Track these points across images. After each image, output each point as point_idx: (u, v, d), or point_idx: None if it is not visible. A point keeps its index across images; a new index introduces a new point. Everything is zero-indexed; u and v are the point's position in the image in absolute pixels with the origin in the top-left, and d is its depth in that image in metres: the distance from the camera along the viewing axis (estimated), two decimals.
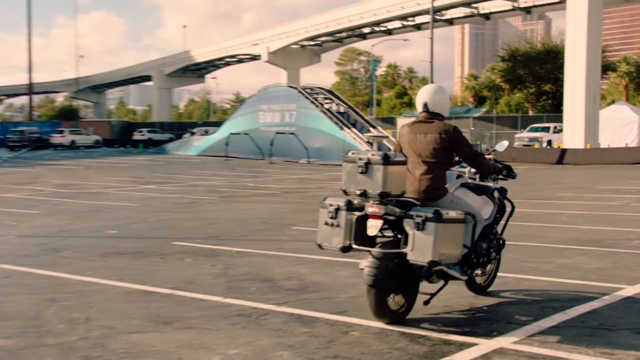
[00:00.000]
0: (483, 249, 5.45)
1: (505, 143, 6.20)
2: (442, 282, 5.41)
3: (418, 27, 55.81)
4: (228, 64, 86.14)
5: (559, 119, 38.25)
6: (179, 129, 65.99)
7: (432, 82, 37.51)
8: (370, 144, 33.18)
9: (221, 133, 42.28)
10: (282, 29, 65.85)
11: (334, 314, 5.56)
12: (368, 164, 4.94)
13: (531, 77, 52.45)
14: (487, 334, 4.91)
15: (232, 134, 39.63)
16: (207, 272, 7.59)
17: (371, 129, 35.06)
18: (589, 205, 14.14)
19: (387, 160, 4.86)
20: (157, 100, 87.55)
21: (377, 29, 59.00)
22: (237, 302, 6.02)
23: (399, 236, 5.10)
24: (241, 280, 7.12)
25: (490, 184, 5.72)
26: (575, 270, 7.29)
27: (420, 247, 4.74)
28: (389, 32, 59.58)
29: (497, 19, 56.63)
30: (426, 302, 5.37)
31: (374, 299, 5.02)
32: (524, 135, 39.28)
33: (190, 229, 11.24)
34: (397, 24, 56.51)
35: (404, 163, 5.05)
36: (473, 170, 5.73)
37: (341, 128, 34.06)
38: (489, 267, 5.80)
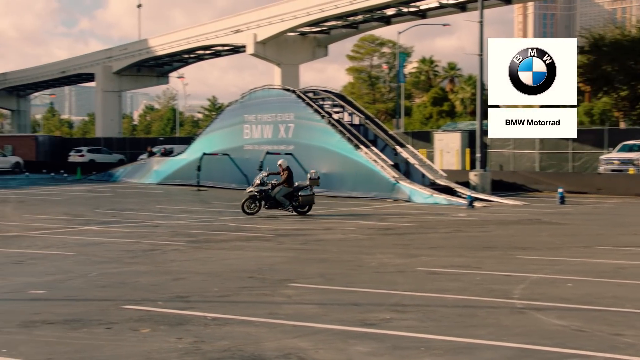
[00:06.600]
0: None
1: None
2: None
3: (462, 6, 56.23)
4: (200, 58, 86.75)
5: None
6: (133, 147, 66.25)
7: (481, 82, 37.60)
8: (396, 166, 33.27)
9: (191, 153, 42.32)
10: (275, 10, 66.45)
11: None
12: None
13: (623, 76, 52.17)
14: None
15: (205, 154, 39.70)
16: (171, 347, 7.54)
17: (398, 147, 35.13)
18: None
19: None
20: (102, 107, 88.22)
21: (405, 9, 59.49)
22: None
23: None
24: (219, 359, 7.06)
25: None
26: None
27: None
28: (422, 13, 60.03)
29: None
30: None
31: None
32: (613, 156, 39.21)
33: (148, 287, 11.21)
34: (433, 2, 57.00)
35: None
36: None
37: (356, 147, 34.07)
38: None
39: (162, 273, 12.58)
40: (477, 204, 28.37)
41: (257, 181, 23.94)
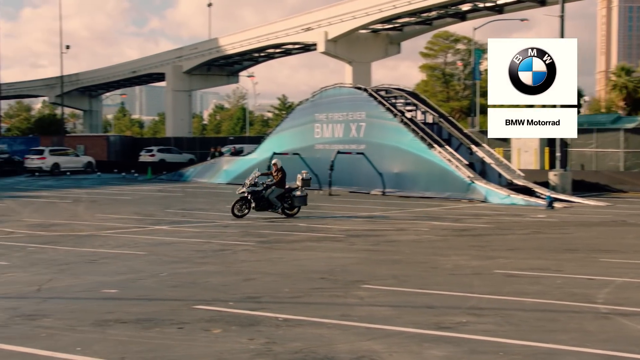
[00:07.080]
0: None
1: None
2: None
3: (541, 0, 55.40)
4: (270, 56, 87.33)
5: None
6: (203, 147, 67.04)
7: None
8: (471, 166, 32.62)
9: (261, 153, 42.64)
10: (346, 8, 66.40)
11: None
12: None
13: None
14: None
15: (275, 154, 39.94)
16: (242, 348, 7.59)
17: (473, 146, 34.79)
18: None
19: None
20: (172, 107, 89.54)
21: (481, 4, 58.93)
22: None
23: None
24: None
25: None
26: None
27: None
28: (498, 8, 59.36)
29: None
30: None
31: None
32: None
33: (218, 287, 11.32)
34: None
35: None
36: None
37: (430, 146, 33.87)
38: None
39: (232, 273, 12.70)
40: (557, 204, 27.90)
41: (249, 182, 23.50)
